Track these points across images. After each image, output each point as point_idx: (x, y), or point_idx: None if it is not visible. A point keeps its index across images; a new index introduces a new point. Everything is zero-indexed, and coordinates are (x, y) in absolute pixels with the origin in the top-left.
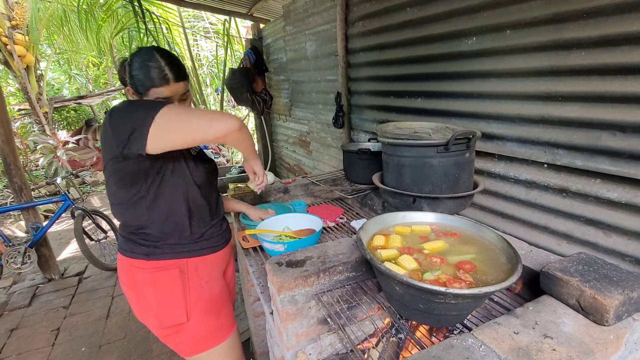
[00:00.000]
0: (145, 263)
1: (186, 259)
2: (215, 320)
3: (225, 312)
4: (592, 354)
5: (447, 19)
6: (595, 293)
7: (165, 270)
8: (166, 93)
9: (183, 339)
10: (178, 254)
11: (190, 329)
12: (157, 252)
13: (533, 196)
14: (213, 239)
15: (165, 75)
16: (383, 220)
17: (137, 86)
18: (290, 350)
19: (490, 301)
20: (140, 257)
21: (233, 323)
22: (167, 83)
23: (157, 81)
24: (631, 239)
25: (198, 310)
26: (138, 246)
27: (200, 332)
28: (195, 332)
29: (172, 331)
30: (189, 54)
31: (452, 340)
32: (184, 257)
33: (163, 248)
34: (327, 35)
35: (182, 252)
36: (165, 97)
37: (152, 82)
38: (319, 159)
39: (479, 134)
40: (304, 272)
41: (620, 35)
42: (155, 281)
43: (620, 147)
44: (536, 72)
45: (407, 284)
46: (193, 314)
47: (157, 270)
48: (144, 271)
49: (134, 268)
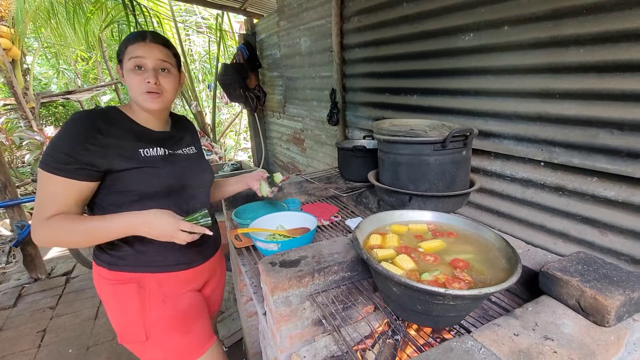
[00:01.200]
0: (108, 273)
1: (148, 274)
2: (182, 338)
3: (197, 327)
4: (593, 356)
5: (444, 15)
6: (596, 293)
7: (124, 283)
8: (140, 52)
9: (148, 356)
10: (139, 268)
11: (152, 348)
12: (120, 262)
13: (529, 194)
14: (187, 255)
15: (142, 34)
16: (379, 219)
17: (119, 52)
18: (284, 353)
19: (487, 301)
20: (104, 265)
21: (210, 337)
22: (143, 40)
23: (132, 38)
24: (627, 238)
25: (160, 329)
26: (103, 253)
27: (167, 349)
28: (160, 350)
29: (135, 347)
30: (181, 48)
31: (451, 343)
32: (146, 271)
33: (126, 259)
34: (322, 31)
35: (144, 266)
36: (138, 56)
37: (128, 40)
38: (313, 156)
39: (476, 131)
40: (298, 272)
41: (619, 31)
42: (116, 294)
43: (617, 145)
44: (534, 69)
45: (405, 285)
46: (153, 332)
47: (118, 283)
48: (106, 281)
49: (99, 276)
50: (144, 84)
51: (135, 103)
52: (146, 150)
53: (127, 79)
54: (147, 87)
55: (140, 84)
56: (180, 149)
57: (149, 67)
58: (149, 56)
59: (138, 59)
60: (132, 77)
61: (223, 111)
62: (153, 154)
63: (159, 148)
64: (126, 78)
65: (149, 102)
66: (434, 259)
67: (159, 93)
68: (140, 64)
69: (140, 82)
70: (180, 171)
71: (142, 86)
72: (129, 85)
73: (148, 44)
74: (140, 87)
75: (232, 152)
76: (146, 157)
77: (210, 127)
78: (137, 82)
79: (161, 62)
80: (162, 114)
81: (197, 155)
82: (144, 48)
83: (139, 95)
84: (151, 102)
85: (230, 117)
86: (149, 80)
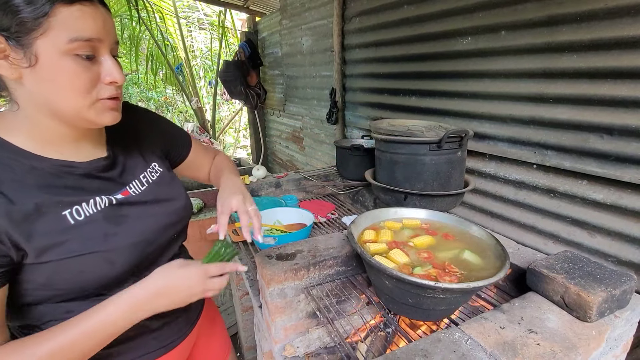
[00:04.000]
0: None
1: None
2: None
3: None
4: (574, 349)
5: (443, 18)
6: (579, 290)
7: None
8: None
9: None
10: None
11: None
12: None
13: (522, 196)
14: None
15: None
16: (374, 215)
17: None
18: (278, 344)
19: (477, 298)
20: None
21: None
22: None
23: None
24: (614, 240)
25: None
26: None
27: None
28: None
29: None
30: (183, 44)
31: (439, 334)
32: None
33: None
34: (324, 31)
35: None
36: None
37: None
38: (311, 155)
39: (471, 133)
40: (294, 265)
41: (611, 39)
42: None
43: (607, 149)
44: (529, 74)
45: (397, 278)
46: None
47: None
48: None
49: None
50: (100, 85)
51: (66, 118)
52: (77, 209)
53: (46, 74)
54: (108, 90)
55: (92, 85)
56: (134, 179)
57: (106, 54)
58: (106, 35)
59: (91, 42)
60: (75, 71)
61: (223, 108)
62: (89, 212)
63: (97, 198)
64: (42, 73)
65: (108, 116)
66: (427, 254)
67: (119, 97)
68: (93, 50)
69: (92, 81)
70: (142, 230)
71: (96, 89)
72: (51, 87)
73: (97, 6)
74: (91, 90)
75: (232, 149)
76: (78, 225)
77: (210, 124)
78: (88, 81)
79: (116, 43)
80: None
81: (164, 180)
82: (94, 17)
83: (87, 105)
84: (112, 115)
85: (230, 115)
86: (115, 78)
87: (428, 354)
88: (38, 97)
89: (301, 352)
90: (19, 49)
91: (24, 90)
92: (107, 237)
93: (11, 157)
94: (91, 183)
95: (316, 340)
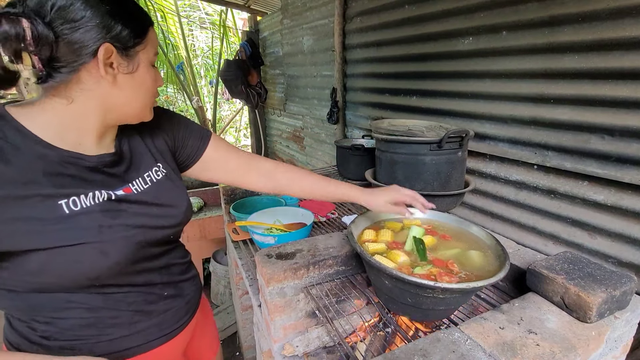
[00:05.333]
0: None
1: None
2: None
3: None
4: (574, 349)
5: (444, 18)
6: (579, 291)
7: None
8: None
9: None
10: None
11: None
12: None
13: (522, 197)
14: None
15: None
16: (374, 215)
17: (126, 31)
18: (277, 343)
19: (477, 298)
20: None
21: None
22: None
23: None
24: (615, 241)
25: None
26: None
27: None
28: None
29: None
30: (184, 43)
31: (438, 334)
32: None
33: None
34: (325, 31)
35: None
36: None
37: (143, 16)
38: (312, 154)
39: (471, 133)
40: (293, 264)
41: (613, 40)
42: None
43: (607, 150)
44: (530, 74)
45: (396, 278)
46: None
47: None
48: None
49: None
50: (156, 89)
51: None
52: (74, 200)
53: (140, 80)
54: (156, 94)
55: (154, 89)
56: (138, 177)
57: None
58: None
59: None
60: (150, 77)
61: (224, 107)
62: (86, 204)
63: (97, 191)
64: (138, 79)
65: (151, 113)
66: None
67: None
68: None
69: (155, 85)
70: (137, 226)
71: (154, 93)
72: (138, 90)
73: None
74: (153, 94)
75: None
76: (72, 215)
77: (211, 123)
78: (153, 86)
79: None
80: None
81: (168, 181)
82: (156, 36)
83: (147, 106)
84: (152, 112)
85: (231, 114)
86: (161, 82)
87: (427, 354)
88: (113, 98)
89: (300, 352)
90: (124, 58)
91: (91, 90)
92: (101, 229)
93: (25, 141)
94: (94, 176)
95: (315, 339)
